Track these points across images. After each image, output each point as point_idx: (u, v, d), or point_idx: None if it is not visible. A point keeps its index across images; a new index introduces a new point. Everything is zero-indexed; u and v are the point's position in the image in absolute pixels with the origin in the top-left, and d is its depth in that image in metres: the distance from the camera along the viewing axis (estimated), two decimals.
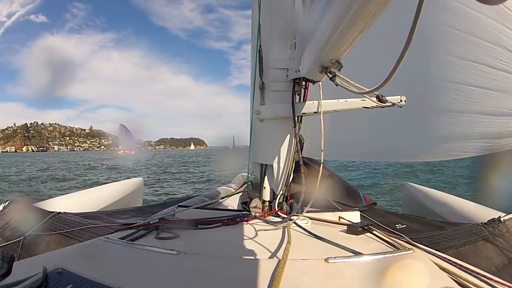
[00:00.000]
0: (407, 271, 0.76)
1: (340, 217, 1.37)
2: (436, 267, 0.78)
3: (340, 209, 1.99)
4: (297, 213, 1.29)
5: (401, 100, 1.23)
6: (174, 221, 1.21)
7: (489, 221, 1.64)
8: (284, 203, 1.44)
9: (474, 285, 0.74)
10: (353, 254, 0.86)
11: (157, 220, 1.18)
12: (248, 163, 1.64)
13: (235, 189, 2.62)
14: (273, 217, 1.35)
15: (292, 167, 1.40)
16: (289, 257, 0.79)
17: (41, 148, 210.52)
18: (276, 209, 1.42)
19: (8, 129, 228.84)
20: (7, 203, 1.91)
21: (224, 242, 1.05)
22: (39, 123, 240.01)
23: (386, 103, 1.18)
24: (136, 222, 1.47)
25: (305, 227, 1.15)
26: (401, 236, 1.29)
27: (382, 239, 1.04)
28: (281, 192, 1.44)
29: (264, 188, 1.49)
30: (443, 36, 2.38)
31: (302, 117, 1.38)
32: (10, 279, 0.63)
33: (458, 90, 2.42)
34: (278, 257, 0.85)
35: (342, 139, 2.92)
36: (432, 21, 2.36)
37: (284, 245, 0.92)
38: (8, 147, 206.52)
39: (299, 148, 1.35)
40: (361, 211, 1.65)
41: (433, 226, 1.86)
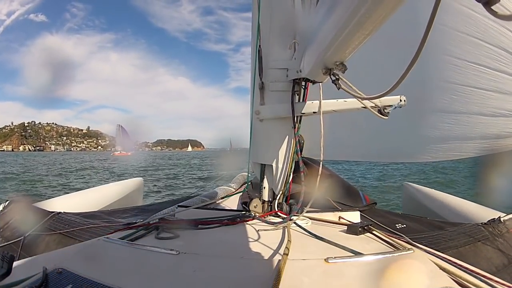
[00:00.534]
0: (407, 271, 0.76)
1: (340, 217, 1.37)
2: (436, 267, 0.78)
3: (340, 209, 1.99)
4: (297, 213, 1.29)
5: (401, 100, 1.23)
6: (174, 221, 1.21)
7: (489, 221, 1.64)
8: (284, 203, 1.44)
9: (474, 285, 0.74)
10: (353, 254, 0.86)
11: (157, 220, 1.18)
12: (248, 163, 1.64)
13: (235, 189, 2.62)
14: (273, 217, 1.35)
15: (291, 167, 1.40)
16: (289, 257, 0.80)
17: (38, 148, 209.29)
18: (276, 209, 1.42)
19: (6, 128, 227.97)
20: (7, 203, 1.90)
21: (224, 242, 1.05)
22: (37, 122, 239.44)
23: (386, 116, 1.18)
24: (136, 222, 1.47)
25: (305, 227, 1.15)
26: (401, 236, 1.29)
27: (382, 239, 1.04)
28: (281, 192, 1.44)
29: (264, 188, 1.49)
30: (443, 37, 2.38)
31: (301, 117, 1.38)
32: (10, 279, 0.63)
33: (458, 91, 2.43)
34: (278, 257, 0.84)
35: (342, 139, 2.92)
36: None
37: (284, 245, 0.92)
38: (5, 146, 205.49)
39: (298, 148, 1.35)
40: (361, 211, 1.65)
41: (433, 226, 1.86)
